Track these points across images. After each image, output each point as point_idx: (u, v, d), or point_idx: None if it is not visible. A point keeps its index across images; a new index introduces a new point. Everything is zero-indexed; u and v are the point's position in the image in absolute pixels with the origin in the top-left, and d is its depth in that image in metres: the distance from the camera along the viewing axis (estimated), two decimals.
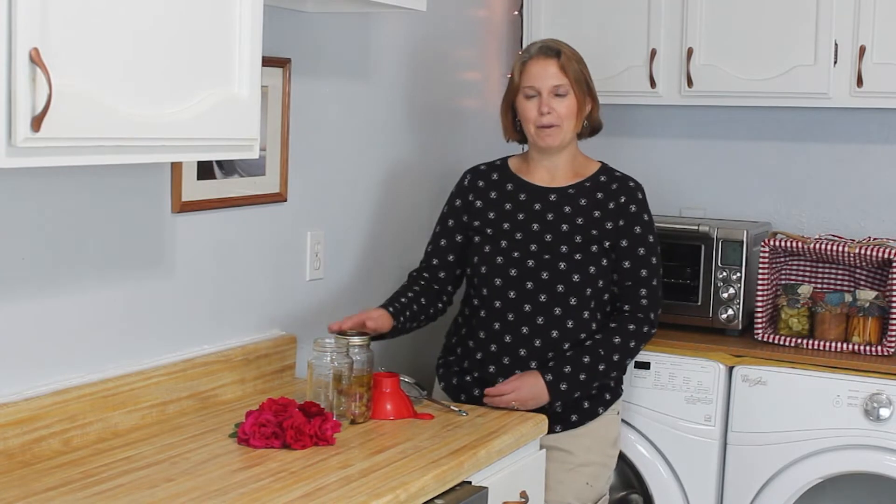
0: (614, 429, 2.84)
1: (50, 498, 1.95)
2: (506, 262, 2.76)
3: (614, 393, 2.84)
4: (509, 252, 2.76)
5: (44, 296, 2.23)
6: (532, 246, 2.75)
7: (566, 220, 2.76)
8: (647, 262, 2.78)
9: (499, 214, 2.82)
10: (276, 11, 2.68)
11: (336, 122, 3.06)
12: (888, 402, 3.08)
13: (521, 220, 2.79)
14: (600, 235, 2.75)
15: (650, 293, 2.78)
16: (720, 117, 3.81)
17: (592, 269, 2.73)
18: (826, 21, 3.31)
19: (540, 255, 2.74)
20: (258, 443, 2.27)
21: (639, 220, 2.79)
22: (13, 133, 1.63)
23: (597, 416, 2.77)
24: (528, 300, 2.73)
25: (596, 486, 2.77)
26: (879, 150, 3.63)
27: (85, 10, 1.72)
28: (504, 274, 2.76)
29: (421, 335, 3.09)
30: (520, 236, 2.77)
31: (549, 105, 2.72)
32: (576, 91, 2.74)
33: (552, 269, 2.72)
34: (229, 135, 2.07)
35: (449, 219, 2.89)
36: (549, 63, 2.74)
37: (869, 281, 3.43)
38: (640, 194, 2.82)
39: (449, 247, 2.88)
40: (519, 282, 2.74)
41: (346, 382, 2.49)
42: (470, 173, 2.91)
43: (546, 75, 2.73)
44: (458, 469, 2.26)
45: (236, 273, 2.74)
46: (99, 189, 2.32)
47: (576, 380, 2.66)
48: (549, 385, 2.64)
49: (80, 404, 2.26)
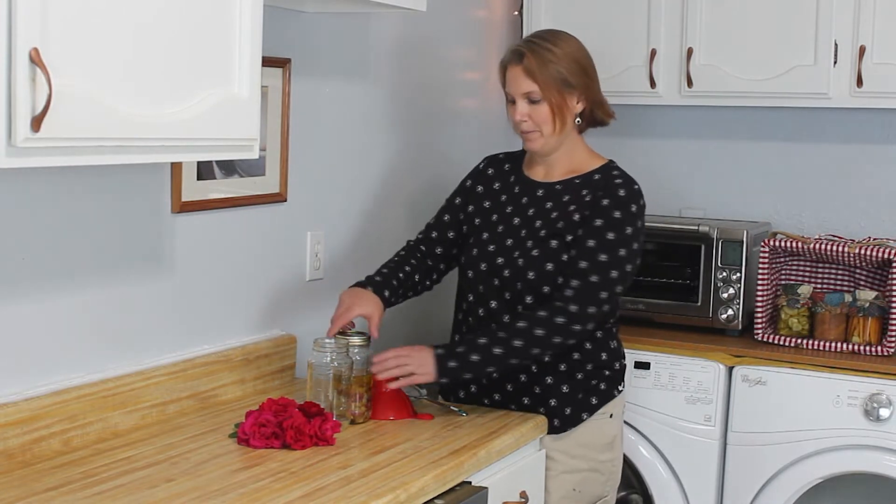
0: (606, 433, 2.72)
1: (50, 498, 1.95)
2: (479, 255, 2.71)
3: (603, 396, 2.70)
4: (486, 245, 2.71)
5: (44, 296, 2.23)
6: (508, 241, 2.69)
7: (542, 216, 2.67)
8: (593, 255, 2.56)
9: (493, 205, 2.78)
10: (276, 11, 2.68)
11: (336, 122, 3.06)
12: (888, 402, 3.08)
13: (507, 213, 2.74)
14: (565, 229, 2.62)
15: (581, 286, 2.54)
16: (720, 117, 3.81)
17: (549, 266, 2.60)
18: (826, 21, 3.31)
19: (511, 251, 2.67)
20: (258, 443, 2.27)
21: (605, 213, 2.59)
22: (13, 133, 1.63)
23: (580, 421, 2.67)
24: (495, 297, 2.67)
25: (586, 491, 2.70)
26: (879, 150, 3.63)
27: (85, 10, 1.72)
28: (475, 267, 2.71)
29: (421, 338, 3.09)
30: (501, 229, 2.72)
31: (522, 112, 2.64)
32: (547, 95, 2.62)
33: (513, 266, 2.64)
34: (229, 135, 2.07)
35: (457, 196, 2.87)
36: (516, 70, 2.65)
37: (869, 281, 3.43)
38: (622, 191, 2.63)
39: (451, 223, 2.84)
40: (487, 277, 2.69)
41: (346, 382, 2.49)
42: (487, 160, 2.89)
43: (516, 83, 2.65)
44: (458, 469, 2.26)
45: (236, 273, 2.74)
46: (99, 189, 2.32)
47: (467, 360, 2.52)
48: (438, 359, 2.51)
49: (79, 404, 2.26)
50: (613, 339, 2.76)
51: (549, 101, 2.62)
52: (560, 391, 2.65)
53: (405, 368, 2.51)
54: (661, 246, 3.58)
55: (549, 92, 2.62)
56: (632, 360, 3.32)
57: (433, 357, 2.52)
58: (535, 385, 2.66)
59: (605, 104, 2.75)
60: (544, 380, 2.65)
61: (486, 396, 2.70)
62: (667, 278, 3.56)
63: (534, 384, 2.66)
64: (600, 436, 2.71)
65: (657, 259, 3.58)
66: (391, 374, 2.51)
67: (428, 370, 2.52)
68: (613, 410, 2.74)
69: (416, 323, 3.38)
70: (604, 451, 2.71)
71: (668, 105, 3.68)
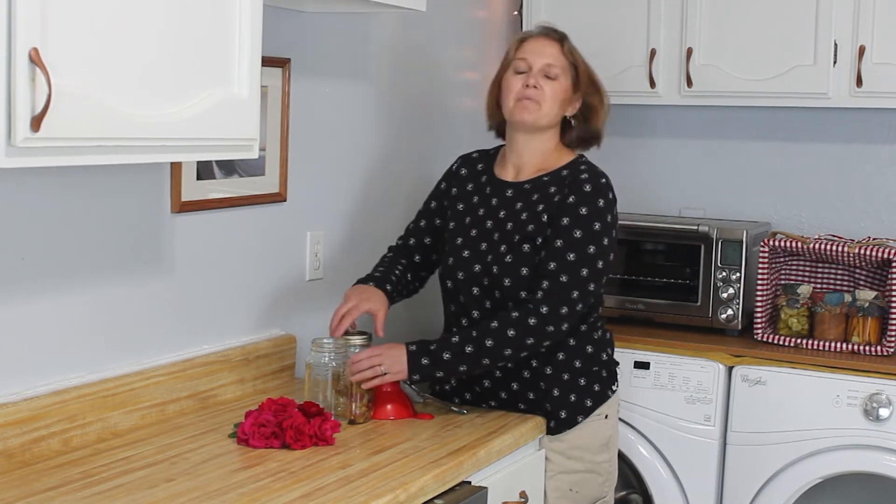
0: (602, 434, 2.71)
1: (50, 498, 1.95)
2: (455, 264, 2.68)
3: (597, 398, 2.68)
4: (460, 251, 2.68)
5: (44, 296, 2.23)
6: (482, 245, 2.66)
7: (513, 218, 2.64)
8: (561, 255, 2.53)
9: (466, 207, 2.75)
10: (276, 11, 2.68)
11: (336, 121, 3.06)
12: (888, 402, 3.08)
13: (480, 216, 2.70)
14: (534, 231, 2.60)
15: (553, 287, 2.51)
16: (720, 117, 3.81)
17: (524, 270, 2.58)
18: (826, 21, 3.31)
19: (485, 256, 2.64)
20: (258, 443, 2.27)
21: (571, 211, 2.56)
22: (13, 133, 1.63)
23: (575, 424, 2.65)
24: (476, 306, 2.66)
25: (583, 491, 2.70)
26: (879, 150, 3.63)
27: (85, 10, 1.72)
28: (453, 277, 2.69)
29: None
30: (474, 233, 2.69)
31: (536, 80, 2.63)
32: (569, 77, 2.66)
33: (490, 274, 2.61)
34: (229, 135, 2.07)
35: (432, 200, 2.86)
36: (550, 43, 2.68)
37: (868, 281, 3.43)
38: (587, 186, 2.59)
39: (427, 228, 2.84)
40: (466, 286, 2.66)
41: (345, 382, 2.49)
42: (461, 159, 2.87)
43: (543, 53, 2.66)
44: (458, 469, 2.26)
45: (236, 273, 2.74)
46: (99, 189, 2.32)
47: (439, 358, 2.50)
48: (410, 356, 2.50)
49: (79, 404, 2.26)
50: (605, 340, 2.75)
51: (563, 83, 2.66)
52: (553, 395, 2.64)
53: (377, 369, 2.49)
54: (661, 246, 3.59)
55: (566, 75, 2.67)
56: (631, 360, 3.33)
57: (406, 354, 2.51)
58: (529, 391, 2.65)
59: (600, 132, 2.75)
60: (538, 384, 2.64)
61: (483, 402, 2.69)
62: (667, 278, 3.55)
63: (528, 390, 2.65)
64: (596, 437, 2.70)
65: (657, 259, 3.58)
66: (364, 375, 2.49)
67: (400, 368, 2.50)
68: (608, 411, 2.72)
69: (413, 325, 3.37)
70: (600, 452, 2.70)
71: (668, 105, 3.68)
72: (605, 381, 2.71)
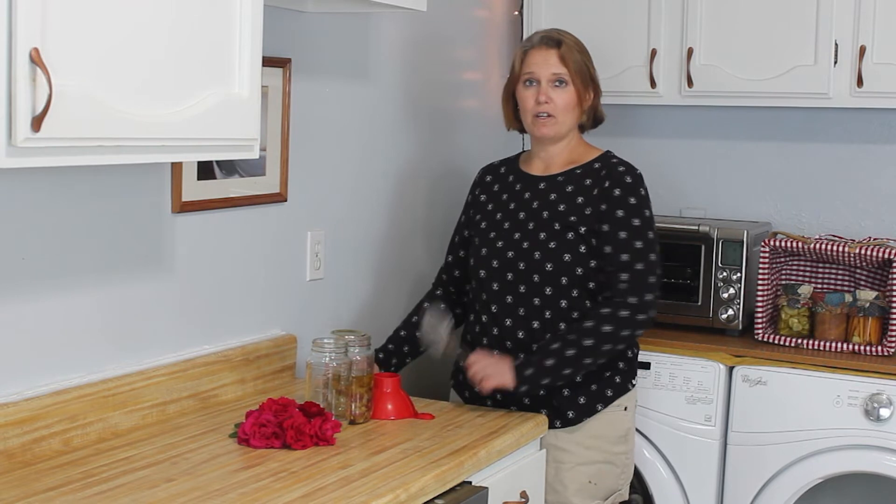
0: (620, 425, 2.77)
1: (50, 498, 1.95)
2: (489, 254, 2.77)
3: (618, 389, 2.75)
4: (494, 242, 2.77)
5: (44, 296, 2.23)
6: (516, 234, 2.75)
7: (549, 208, 2.73)
8: (630, 245, 2.66)
9: (496, 205, 2.83)
10: (276, 11, 2.68)
11: (336, 122, 3.06)
12: (888, 402, 3.08)
13: (511, 210, 2.79)
14: (578, 221, 2.69)
15: (633, 277, 2.65)
16: (720, 117, 3.81)
17: (567, 256, 2.68)
18: (826, 21, 3.31)
19: (520, 244, 2.73)
20: (258, 443, 2.27)
21: (622, 203, 2.68)
22: (13, 133, 1.63)
23: (595, 412, 2.71)
24: (510, 291, 2.72)
25: (602, 483, 2.74)
26: (879, 150, 3.63)
27: (85, 10, 1.72)
28: (487, 265, 2.76)
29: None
30: (507, 226, 2.77)
31: (546, 94, 2.73)
32: (576, 82, 2.74)
33: (528, 259, 2.70)
34: (229, 135, 2.07)
35: (462, 215, 2.95)
36: (549, 53, 2.75)
37: (869, 281, 3.43)
38: (628, 178, 2.72)
39: (461, 242, 2.93)
40: (500, 272, 2.74)
41: (345, 382, 2.49)
42: (483, 170, 2.96)
43: (546, 64, 2.74)
44: (459, 469, 2.26)
45: (236, 273, 2.74)
46: (99, 189, 2.32)
47: (542, 365, 2.59)
48: (516, 368, 2.59)
49: (80, 404, 2.26)
50: None
51: (576, 87, 2.75)
52: (575, 382, 2.69)
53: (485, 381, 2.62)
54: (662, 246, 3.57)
55: (576, 78, 2.75)
56: None
57: (510, 364, 2.61)
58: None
59: (603, 113, 2.90)
60: None
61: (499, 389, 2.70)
62: (667, 278, 3.53)
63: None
64: (614, 428, 2.76)
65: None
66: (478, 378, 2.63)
67: (505, 378, 2.61)
68: (627, 404, 2.79)
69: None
70: (618, 443, 2.76)
71: (669, 105, 3.68)
72: (625, 373, 2.78)
